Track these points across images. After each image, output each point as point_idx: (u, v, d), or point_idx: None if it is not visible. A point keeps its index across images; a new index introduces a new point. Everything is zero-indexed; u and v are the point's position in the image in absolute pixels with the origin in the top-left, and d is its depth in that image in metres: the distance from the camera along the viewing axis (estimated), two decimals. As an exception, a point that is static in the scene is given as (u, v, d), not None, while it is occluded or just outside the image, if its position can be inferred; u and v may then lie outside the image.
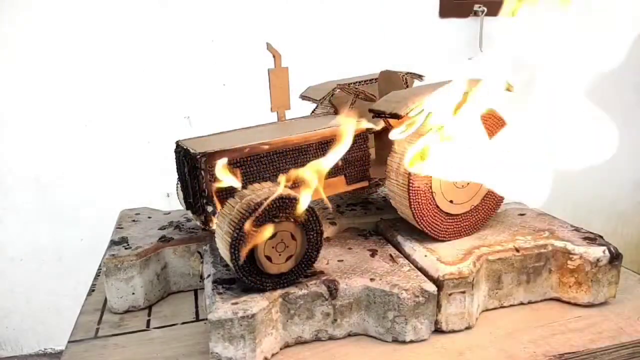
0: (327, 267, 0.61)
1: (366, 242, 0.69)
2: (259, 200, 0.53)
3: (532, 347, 0.55)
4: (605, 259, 0.61)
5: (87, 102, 1.57)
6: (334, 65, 1.24)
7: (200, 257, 0.70)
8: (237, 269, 0.53)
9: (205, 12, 1.59)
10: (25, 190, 1.59)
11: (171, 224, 0.76)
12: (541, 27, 0.51)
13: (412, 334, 0.56)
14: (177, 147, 0.66)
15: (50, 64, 1.52)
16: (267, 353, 0.54)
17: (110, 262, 0.64)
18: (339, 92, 0.77)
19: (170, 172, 0.75)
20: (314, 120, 0.74)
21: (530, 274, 0.63)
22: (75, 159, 1.59)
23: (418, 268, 0.61)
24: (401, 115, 0.61)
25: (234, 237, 0.52)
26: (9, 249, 1.63)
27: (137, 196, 1.54)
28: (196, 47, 1.60)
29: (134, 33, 1.55)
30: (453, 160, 0.56)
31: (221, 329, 0.51)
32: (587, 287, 0.62)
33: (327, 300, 0.56)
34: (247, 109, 1.28)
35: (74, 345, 0.60)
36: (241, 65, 1.60)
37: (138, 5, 1.54)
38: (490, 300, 0.63)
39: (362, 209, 0.79)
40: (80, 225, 1.62)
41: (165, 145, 0.93)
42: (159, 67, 1.59)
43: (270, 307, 0.54)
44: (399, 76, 0.75)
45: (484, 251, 0.62)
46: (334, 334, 0.58)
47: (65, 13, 1.50)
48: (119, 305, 0.66)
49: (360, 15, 1.71)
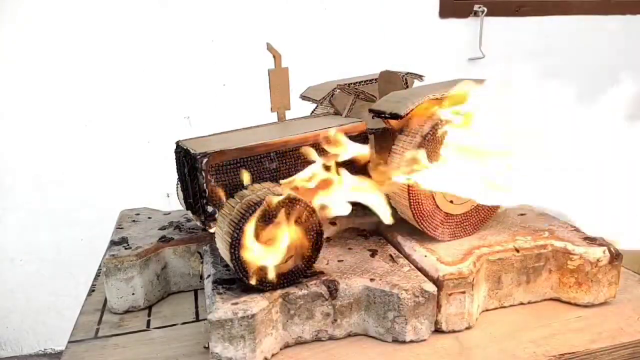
0: (327, 267, 0.61)
1: (366, 242, 0.69)
2: (259, 201, 0.53)
3: (532, 347, 0.55)
4: (605, 259, 0.61)
5: (87, 102, 1.56)
6: (334, 66, 1.24)
7: (200, 257, 0.70)
8: (237, 270, 0.53)
9: (205, 12, 1.59)
10: (25, 190, 1.59)
11: (171, 224, 0.76)
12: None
13: (412, 334, 0.56)
14: (177, 147, 0.66)
15: (50, 64, 1.52)
16: (267, 353, 0.54)
17: (110, 263, 0.64)
18: (339, 92, 0.77)
19: (170, 172, 0.75)
20: (314, 121, 0.74)
21: (530, 274, 0.63)
22: (75, 159, 1.59)
23: (418, 268, 0.61)
24: (401, 115, 0.61)
25: (234, 237, 0.52)
26: (9, 249, 1.63)
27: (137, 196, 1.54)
28: (196, 47, 1.60)
29: (134, 33, 1.55)
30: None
31: (221, 329, 0.51)
32: (587, 287, 0.62)
33: (327, 301, 0.56)
34: (247, 109, 1.28)
35: (74, 346, 0.60)
36: (241, 65, 1.60)
37: (138, 5, 1.54)
38: (490, 301, 0.63)
39: (362, 209, 0.79)
40: (80, 226, 1.62)
41: (165, 145, 0.93)
42: (159, 67, 1.59)
43: (270, 307, 0.54)
44: (399, 76, 0.75)
45: (484, 251, 0.61)
46: (334, 334, 0.58)
47: (66, 13, 1.50)
48: (119, 305, 0.66)
49: (360, 15, 1.71)
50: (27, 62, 1.51)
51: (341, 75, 0.86)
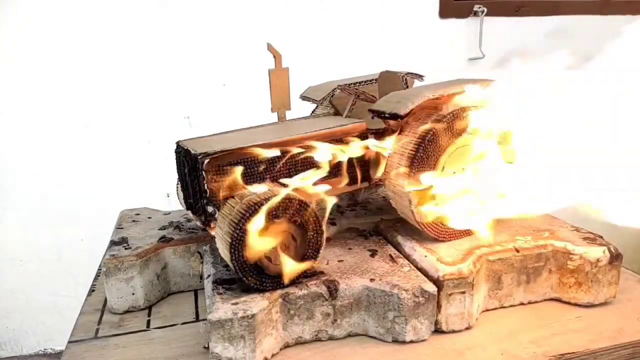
0: (327, 267, 0.61)
1: (366, 242, 0.69)
2: (259, 201, 0.53)
3: (532, 347, 0.55)
4: (605, 259, 0.61)
5: (87, 102, 1.56)
6: (334, 66, 1.24)
7: (200, 257, 0.70)
8: (237, 270, 0.53)
9: (205, 12, 1.59)
10: (25, 190, 1.59)
11: (171, 224, 0.76)
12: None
13: (412, 334, 0.56)
14: (177, 148, 0.66)
15: (50, 64, 1.52)
16: (267, 353, 0.54)
17: (110, 263, 0.64)
18: (339, 92, 0.77)
19: (170, 172, 0.75)
20: (314, 121, 0.74)
21: (530, 274, 0.63)
22: (75, 159, 1.59)
23: (418, 268, 0.61)
24: (401, 116, 0.62)
25: (234, 237, 0.52)
26: (9, 249, 1.63)
27: (137, 196, 1.54)
28: (196, 47, 1.60)
29: (134, 33, 1.55)
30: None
31: (221, 329, 0.51)
32: (587, 287, 0.62)
33: (327, 301, 0.56)
34: (247, 109, 1.28)
35: (74, 346, 0.59)
36: (241, 65, 1.60)
37: (138, 5, 1.54)
38: (491, 301, 0.63)
39: (362, 209, 0.79)
40: (80, 226, 1.62)
41: (165, 145, 0.92)
42: (159, 67, 1.59)
43: (270, 308, 0.54)
44: (399, 76, 0.75)
45: (484, 251, 0.61)
46: (334, 334, 0.58)
47: (66, 13, 1.50)
48: (119, 305, 0.66)
49: (360, 15, 1.71)
50: (27, 62, 1.51)
51: (341, 76, 0.86)
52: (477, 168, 0.60)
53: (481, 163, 0.60)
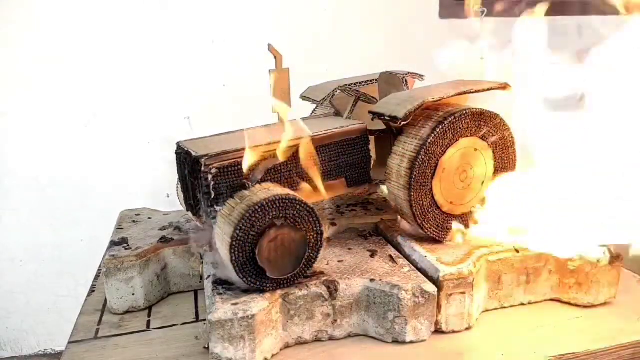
0: (327, 268, 0.61)
1: (366, 242, 0.69)
2: (259, 201, 0.53)
3: (532, 347, 0.55)
4: (605, 259, 0.61)
5: (87, 102, 1.57)
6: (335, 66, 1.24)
7: (200, 258, 0.70)
8: (237, 270, 0.53)
9: (205, 13, 1.59)
10: (25, 190, 1.59)
11: (171, 225, 0.76)
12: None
13: (412, 335, 0.56)
14: (178, 149, 0.66)
15: (50, 64, 1.52)
16: (267, 354, 0.54)
17: (111, 263, 0.64)
18: (340, 92, 0.77)
19: (171, 173, 0.75)
20: (315, 121, 0.74)
21: (530, 275, 0.63)
22: (75, 159, 1.59)
23: (418, 269, 0.61)
24: (400, 118, 0.61)
25: (234, 237, 0.52)
26: (9, 249, 1.63)
27: (137, 196, 1.54)
28: (196, 47, 1.60)
29: (134, 33, 1.55)
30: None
31: (221, 329, 0.51)
32: (587, 287, 0.62)
33: (327, 301, 0.56)
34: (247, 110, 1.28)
35: (74, 346, 0.59)
36: (241, 66, 1.60)
37: (138, 5, 1.54)
38: (491, 301, 0.63)
39: (362, 210, 0.79)
40: (80, 226, 1.62)
41: (165, 145, 0.92)
42: (159, 68, 1.59)
43: (270, 308, 0.54)
44: (399, 77, 0.75)
45: (484, 252, 0.61)
46: (334, 335, 0.58)
47: (66, 13, 1.50)
48: (119, 305, 0.66)
49: (360, 16, 1.71)
50: (27, 62, 1.51)
51: (341, 76, 0.86)
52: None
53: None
